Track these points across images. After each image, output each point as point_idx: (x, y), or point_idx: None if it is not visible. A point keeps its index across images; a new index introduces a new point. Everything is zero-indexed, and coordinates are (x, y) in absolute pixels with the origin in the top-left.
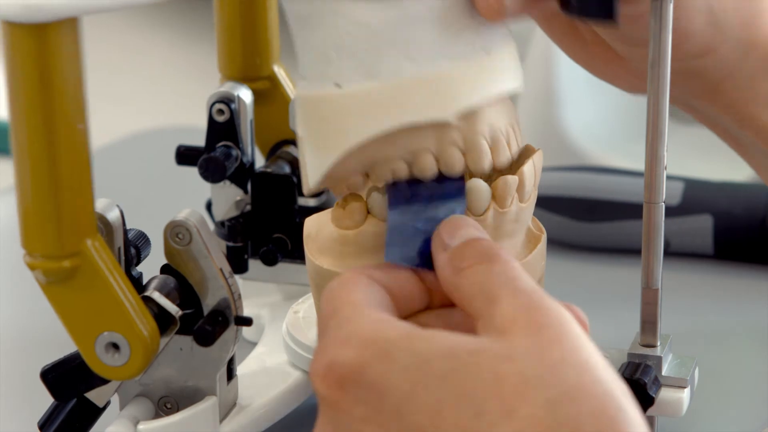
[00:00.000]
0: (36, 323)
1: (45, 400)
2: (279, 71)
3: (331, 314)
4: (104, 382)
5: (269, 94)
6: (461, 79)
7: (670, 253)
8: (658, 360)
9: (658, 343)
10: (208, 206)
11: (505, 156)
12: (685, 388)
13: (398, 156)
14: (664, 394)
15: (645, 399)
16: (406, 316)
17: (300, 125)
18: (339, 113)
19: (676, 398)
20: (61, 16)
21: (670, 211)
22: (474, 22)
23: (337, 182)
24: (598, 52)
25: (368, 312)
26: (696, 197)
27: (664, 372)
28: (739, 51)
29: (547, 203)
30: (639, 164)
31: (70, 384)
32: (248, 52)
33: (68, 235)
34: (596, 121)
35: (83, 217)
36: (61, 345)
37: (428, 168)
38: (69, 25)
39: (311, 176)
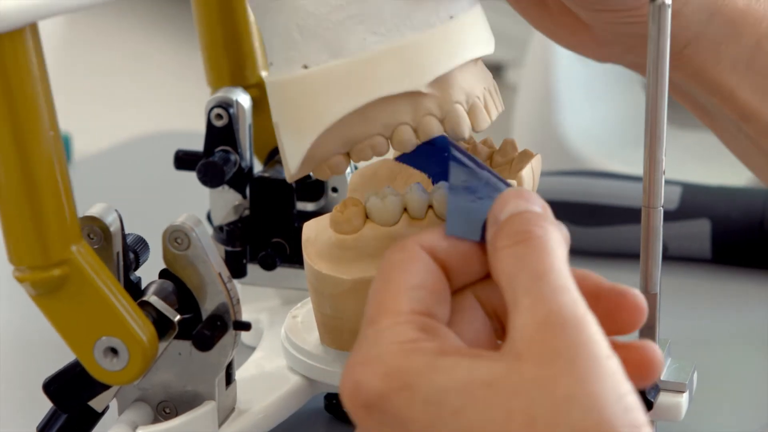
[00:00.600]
0: (34, 328)
1: (43, 405)
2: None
3: (371, 319)
4: (106, 388)
5: (261, 101)
6: (429, 47)
7: (668, 257)
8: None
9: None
10: (209, 216)
11: (484, 120)
12: (683, 392)
13: (376, 131)
14: (663, 399)
15: (644, 403)
16: (463, 287)
17: (274, 111)
18: (310, 94)
19: (675, 403)
20: (17, 25)
21: (668, 216)
22: None
23: (318, 164)
24: (563, 21)
25: (401, 330)
26: (694, 201)
27: (662, 376)
28: (703, 14)
29: None
30: (637, 169)
31: (73, 393)
32: (234, 62)
33: (52, 243)
34: (594, 126)
35: (65, 224)
36: (59, 349)
37: (407, 140)
38: (28, 33)
39: (290, 161)
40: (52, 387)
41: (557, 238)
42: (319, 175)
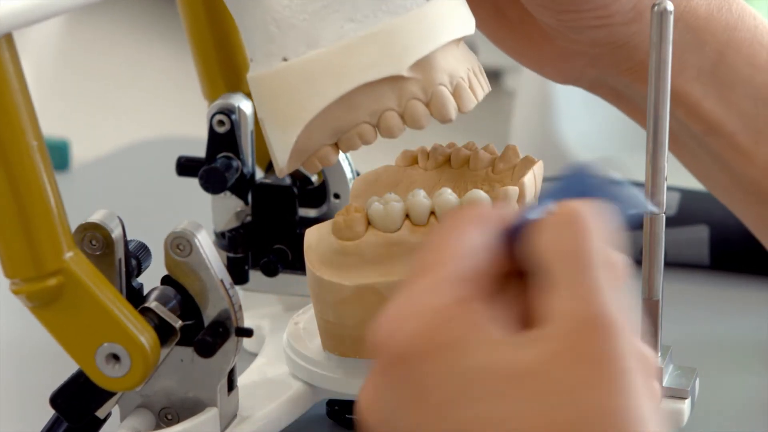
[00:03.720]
0: (34, 334)
1: (45, 413)
2: None
3: (417, 271)
4: (112, 396)
5: None
6: (406, 30)
7: (666, 263)
8: (659, 371)
9: (659, 354)
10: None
11: (470, 100)
12: (685, 399)
13: (362, 119)
14: (665, 405)
15: None
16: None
17: (258, 107)
18: (292, 86)
19: (677, 409)
20: None
21: (667, 222)
22: None
23: (306, 157)
24: (523, 32)
25: (451, 289)
26: (692, 208)
27: (664, 383)
28: None
29: None
30: (636, 175)
31: (80, 405)
32: (228, 72)
33: (44, 254)
34: (593, 132)
35: (56, 234)
36: (59, 355)
37: (394, 126)
38: (3, 43)
39: (279, 156)
40: (59, 400)
41: (604, 228)
42: (309, 168)
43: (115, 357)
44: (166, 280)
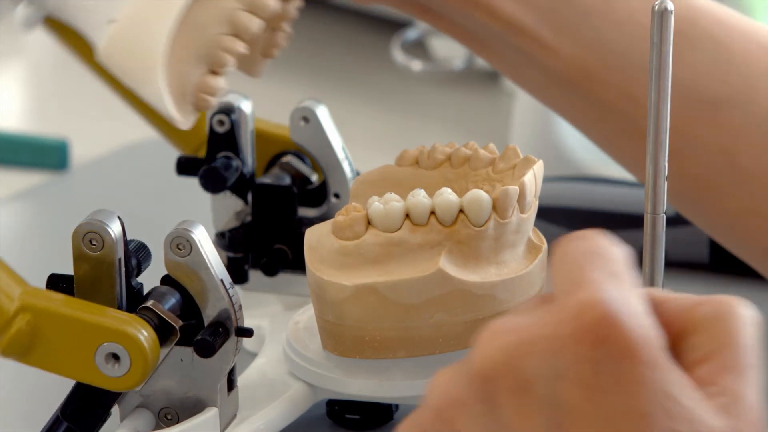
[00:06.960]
0: None
1: (45, 413)
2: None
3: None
4: (117, 398)
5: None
6: None
7: (666, 263)
8: None
9: None
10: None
11: None
12: None
13: (216, 32)
14: None
15: None
16: None
17: (121, 79)
18: (131, 38)
19: None
20: None
21: (667, 222)
22: None
23: (191, 95)
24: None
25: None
26: None
27: None
28: None
29: (543, 213)
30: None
31: (90, 412)
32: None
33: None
34: None
35: (2, 279)
36: None
37: (248, 21)
38: None
39: (162, 107)
40: (68, 411)
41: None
42: (203, 105)
43: (115, 357)
44: (166, 280)
